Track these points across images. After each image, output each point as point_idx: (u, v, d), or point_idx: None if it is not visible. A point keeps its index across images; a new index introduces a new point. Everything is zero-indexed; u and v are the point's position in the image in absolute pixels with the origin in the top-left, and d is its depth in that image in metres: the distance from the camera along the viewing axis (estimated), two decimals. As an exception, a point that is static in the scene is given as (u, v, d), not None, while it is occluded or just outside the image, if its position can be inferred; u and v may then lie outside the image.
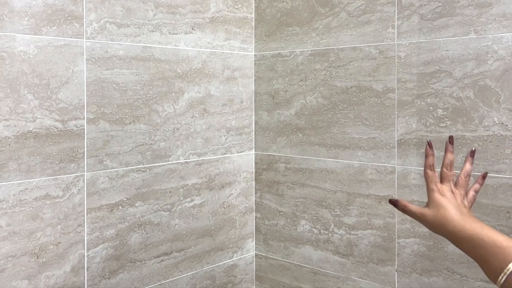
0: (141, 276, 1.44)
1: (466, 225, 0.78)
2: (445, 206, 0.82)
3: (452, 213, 0.81)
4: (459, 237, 0.78)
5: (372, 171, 1.48)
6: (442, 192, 0.84)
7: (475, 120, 1.29)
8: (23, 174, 1.20)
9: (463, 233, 0.77)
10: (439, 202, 0.83)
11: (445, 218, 0.81)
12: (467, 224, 0.78)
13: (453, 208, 0.82)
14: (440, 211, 0.82)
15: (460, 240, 0.78)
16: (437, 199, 0.83)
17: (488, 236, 0.75)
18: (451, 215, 0.80)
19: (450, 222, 0.80)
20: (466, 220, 0.79)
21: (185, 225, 1.55)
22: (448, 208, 0.82)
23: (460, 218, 0.80)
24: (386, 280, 1.45)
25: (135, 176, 1.42)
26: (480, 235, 0.75)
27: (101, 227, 1.35)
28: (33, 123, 1.21)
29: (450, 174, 0.86)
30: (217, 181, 1.64)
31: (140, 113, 1.42)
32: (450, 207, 0.82)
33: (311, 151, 1.61)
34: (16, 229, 1.19)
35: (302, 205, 1.63)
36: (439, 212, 0.82)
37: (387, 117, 1.44)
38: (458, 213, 0.81)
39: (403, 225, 1.42)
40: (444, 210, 0.82)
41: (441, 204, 0.82)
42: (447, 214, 0.81)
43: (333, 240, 1.56)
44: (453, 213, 0.81)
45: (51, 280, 1.25)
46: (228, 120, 1.67)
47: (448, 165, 0.87)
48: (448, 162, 0.87)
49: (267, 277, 1.73)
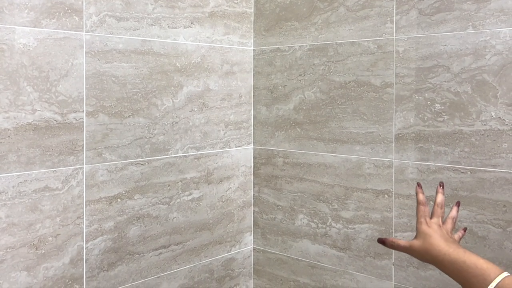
0: (140, 268, 1.45)
1: (449, 249, 0.84)
2: (431, 235, 0.89)
3: (437, 240, 0.88)
4: (444, 261, 0.84)
5: (370, 166, 1.48)
6: (429, 224, 0.92)
7: (472, 114, 1.30)
8: (22, 166, 1.20)
9: (447, 257, 0.84)
10: (426, 232, 0.90)
11: (430, 244, 0.87)
12: (450, 249, 0.84)
13: (438, 236, 0.89)
14: (426, 240, 0.89)
15: (445, 264, 0.84)
16: (424, 230, 0.91)
17: (470, 259, 0.81)
18: (436, 242, 0.87)
19: (436, 247, 0.86)
20: (450, 246, 0.85)
21: (184, 219, 1.56)
22: (433, 236, 0.89)
23: (444, 244, 0.86)
24: (383, 274, 1.46)
25: (134, 169, 1.43)
26: (462, 258, 0.82)
27: (100, 220, 1.35)
28: (32, 116, 1.22)
29: (440, 212, 0.95)
30: (215, 175, 1.64)
31: (139, 107, 1.43)
32: (435, 236, 0.89)
33: (309, 146, 1.62)
34: (15, 220, 1.20)
35: (300, 199, 1.64)
36: (425, 240, 0.89)
37: (385, 111, 1.45)
38: (443, 240, 0.88)
39: (400, 219, 1.43)
40: (430, 238, 0.89)
41: (427, 234, 0.90)
42: (433, 241, 0.88)
43: (331, 234, 1.57)
44: (438, 240, 0.88)
45: (50, 272, 1.26)
46: (226, 115, 1.67)
47: (439, 204, 0.96)
48: (439, 201, 0.97)
49: (265, 270, 1.74)
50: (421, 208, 0.95)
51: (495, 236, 1.27)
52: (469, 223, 1.31)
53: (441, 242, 0.87)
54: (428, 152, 1.37)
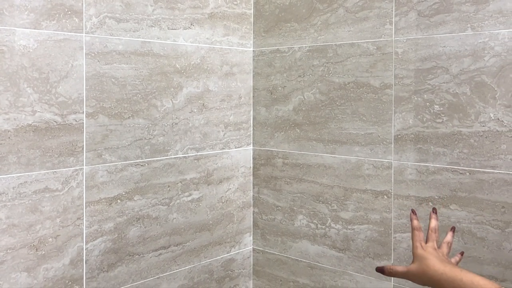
0: (139, 269, 1.45)
1: (446, 269, 0.86)
2: (427, 257, 0.91)
3: (433, 262, 0.89)
4: (441, 280, 0.86)
5: (369, 167, 1.49)
6: (425, 248, 0.94)
7: (471, 116, 1.30)
8: (22, 167, 1.21)
9: (444, 276, 0.85)
10: (422, 255, 0.92)
11: (427, 266, 0.89)
12: (446, 268, 0.86)
13: (434, 257, 0.90)
14: (422, 262, 0.90)
15: (442, 283, 0.85)
16: (420, 253, 0.92)
17: (467, 277, 0.83)
18: (433, 263, 0.89)
19: (432, 268, 0.88)
20: (445, 265, 0.87)
21: (183, 219, 1.56)
22: (430, 258, 0.90)
23: (440, 264, 0.88)
24: (383, 275, 1.46)
25: (134, 170, 1.43)
26: (459, 276, 0.84)
27: (99, 221, 1.36)
28: (32, 117, 1.22)
29: (434, 236, 0.98)
30: (215, 176, 1.65)
31: (139, 108, 1.43)
32: (431, 258, 0.90)
33: (308, 147, 1.62)
34: (16, 221, 1.20)
35: (300, 200, 1.65)
36: (422, 263, 0.90)
37: (384, 112, 1.45)
38: (438, 260, 0.89)
39: (399, 220, 1.43)
40: (426, 260, 0.90)
41: (423, 256, 0.91)
42: (429, 262, 0.89)
43: (330, 234, 1.58)
44: (434, 261, 0.89)
45: (50, 273, 1.26)
46: (226, 116, 1.67)
47: (433, 229, 0.99)
48: (432, 226, 0.99)
49: (265, 271, 1.74)
50: (416, 233, 0.97)
51: (494, 237, 1.27)
52: (468, 224, 1.31)
53: (436, 262, 0.89)
54: (427, 153, 1.37)
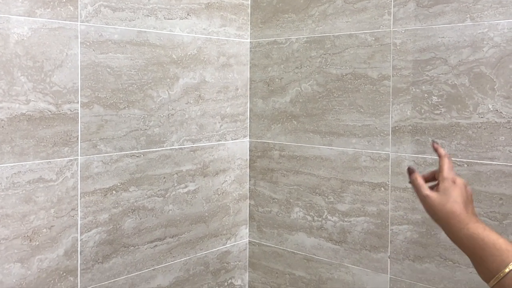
0: (135, 261, 1.44)
1: (469, 223, 0.78)
2: (455, 198, 0.81)
3: (460, 208, 0.80)
4: (460, 233, 0.78)
5: (366, 158, 1.48)
6: (455, 179, 0.83)
7: (469, 107, 1.29)
8: (16, 157, 1.19)
9: (464, 231, 0.78)
10: (450, 192, 0.82)
11: (452, 212, 0.80)
12: (470, 222, 0.78)
13: (462, 203, 0.81)
14: (449, 202, 0.81)
15: (460, 236, 0.78)
16: (449, 189, 0.82)
17: (489, 237, 0.75)
18: (459, 210, 0.80)
19: (457, 216, 0.79)
20: (470, 219, 0.79)
21: (179, 211, 1.55)
22: (458, 201, 0.81)
23: (465, 216, 0.79)
24: (379, 267, 1.46)
25: (129, 161, 1.42)
26: (481, 235, 0.76)
27: (94, 212, 1.34)
28: (26, 106, 1.21)
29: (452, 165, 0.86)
30: (211, 167, 1.64)
31: (134, 98, 1.42)
32: (459, 202, 0.81)
33: (305, 139, 1.61)
34: (9, 212, 1.19)
35: (296, 192, 1.64)
36: (448, 203, 0.81)
37: (382, 104, 1.44)
38: (465, 210, 0.80)
39: (396, 212, 1.42)
40: (453, 203, 0.81)
41: (451, 195, 0.81)
42: (456, 208, 0.80)
43: (327, 227, 1.57)
44: (461, 208, 0.80)
45: (44, 264, 1.25)
46: (223, 107, 1.66)
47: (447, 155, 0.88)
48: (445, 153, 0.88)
49: (260, 264, 1.73)
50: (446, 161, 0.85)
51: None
52: (466, 216, 1.30)
53: (463, 212, 0.80)
54: (424, 145, 1.36)
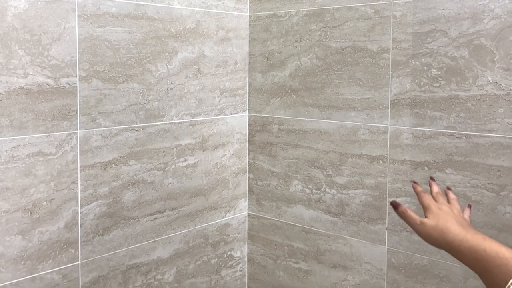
0: (135, 233, 1.46)
1: (467, 235, 0.76)
2: (445, 217, 0.80)
3: (453, 224, 0.78)
4: (460, 248, 0.75)
5: (365, 132, 1.48)
6: (439, 206, 0.83)
7: (469, 79, 1.29)
8: (15, 130, 1.20)
9: (464, 244, 0.75)
10: (439, 212, 0.81)
11: (446, 228, 0.78)
12: (468, 235, 0.76)
13: (453, 219, 0.80)
14: (440, 221, 0.79)
15: (461, 250, 0.75)
16: (436, 210, 0.82)
17: (490, 247, 0.72)
18: (453, 226, 0.78)
19: (452, 232, 0.77)
20: (467, 231, 0.77)
21: (179, 184, 1.56)
22: (448, 218, 0.80)
23: (461, 228, 0.77)
24: (377, 238, 1.47)
25: (129, 135, 1.42)
26: (482, 246, 0.73)
27: (94, 185, 1.35)
28: (24, 79, 1.20)
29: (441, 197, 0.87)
30: (210, 142, 1.64)
31: (133, 72, 1.41)
32: (450, 218, 0.80)
33: (304, 112, 1.61)
34: (9, 185, 1.20)
35: (295, 166, 1.64)
36: (440, 222, 0.79)
37: (381, 77, 1.44)
38: (459, 224, 0.79)
39: (394, 185, 1.43)
40: (445, 220, 0.79)
41: (441, 215, 0.80)
42: (448, 224, 0.78)
43: (325, 199, 1.58)
44: (454, 224, 0.78)
45: (45, 236, 1.26)
46: (222, 82, 1.66)
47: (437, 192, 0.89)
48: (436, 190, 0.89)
49: (259, 236, 1.75)
50: (423, 195, 0.87)
51: (489, 200, 1.28)
52: (463, 187, 1.31)
53: (457, 226, 0.77)
54: (423, 118, 1.36)
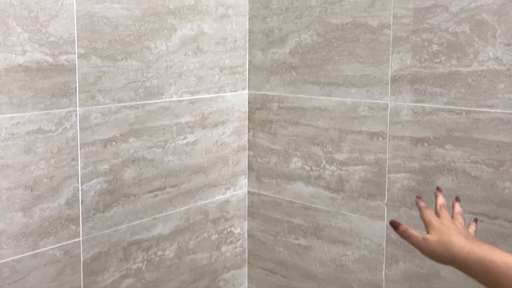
0: (135, 210, 1.47)
1: (473, 246, 0.72)
2: (447, 231, 0.77)
3: (457, 237, 0.75)
4: (467, 261, 0.72)
5: (364, 108, 1.48)
6: (441, 221, 0.81)
7: (470, 55, 1.28)
8: (14, 107, 1.19)
9: (470, 256, 0.71)
10: (441, 227, 0.79)
11: (449, 241, 0.75)
12: (474, 246, 0.72)
13: (456, 232, 0.77)
14: (443, 235, 0.77)
15: (468, 264, 0.71)
16: (438, 225, 0.79)
17: (499, 257, 0.69)
18: (457, 239, 0.75)
19: (456, 245, 0.74)
20: (473, 243, 0.74)
21: (179, 162, 1.56)
22: (451, 232, 0.77)
23: (466, 241, 0.74)
24: (376, 214, 1.48)
25: (128, 113, 1.42)
26: (489, 256, 0.69)
27: (94, 162, 1.36)
28: (23, 56, 1.20)
29: (445, 211, 0.86)
30: (210, 119, 1.64)
31: (132, 50, 1.40)
32: (453, 231, 0.77)
33: (304, 90, 1.60)
34: (9, 162, 1.20)
35: (294, 143, 1.64)
36: (442, 236, 0.77)
37: (381, 53, 1.43)
38: (463, 236, 0.76)
39: (394, 161, 1.43)
40: (448, 234, 0.76)
41: (443, 229, 0.78)
42: (452, 237, 0.75)
43: (324, 176, 1.58)
44: (458, 237, 0.75)
45: (46, 213, 1.27)
46: (221, 59, 1.65)
47: (442, 205, 0.87)
48: (441, 203, 0.87)
49: (259, 212, 1.76)
50: (425, 211, 0.85)
51: (488, 175, 1.28)
52: (462, 163, 1.31)
53: (461, 239, 0.74)
54: (423, 94, 1.36)
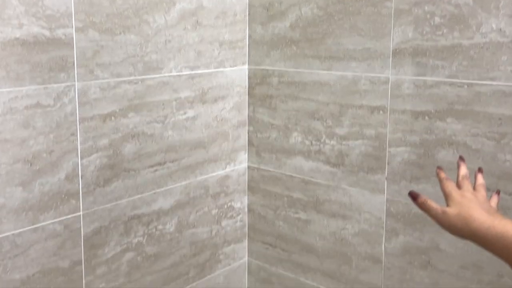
0: (136, 184, 1.47)
1: (494, 221, 0.70)
2: (468, 204, 0.75)
3: (477, 211, 0.73)
4: (487, 236, 0.70)
5: (365, 82, 1.46)
6: (462, 193, 0.78)
7: (472, 27, 1.26)
8: (12, 81, 1.18)
9: (491, 231, 0.70)
10: (461, 200, 0.76)
11: (470, 215, 0.73)
12: (495, 221, 0.71)
13: (477, 205, 0.74)
14: (463, 208, 0.74)
15: (488, 239, 0.70)
16: (458, 198, 0.77)
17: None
18: (477, 212, 0.73)
19: (477, 219, 0.72)
20: (494, 217, 0.72)
21: (178, 137, 1.56)
22: (472, 206, 0.74)
23: (487, 215, 0.72)
24: (376, 188, 1.48)
25: (127, 88, 1.41)
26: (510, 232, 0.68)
27: (94, 137, 1.35)
28: (19, 30, 1.18)
29: (467, 183, 0.82)
30: (210, 95, 1.63)
31: (130, 24, 1.39)
32: (474, 205, 0.75)
33: (305, 64, 1.59)
34: (8, 136, 1.19)
35: (295, 118, 1.63)
36: (463, 209, 0.74)
37: (383, 26, 1.41)
38: (484, 210, 0.73)
39: (394, 134, 1.43)
40: (468, 207, 0.74)
41: (463, 203, 0.75)
42: (472, 211, 0.73)
43: (325, 150, 1.58)
44: (478, 211, 0.73)
45: (46, 187, 1.27)
46: (221, 33, 1.63)
47: (464, 176, 0.83)
48: (463, 173, 0.84)
49: (259, 187, 1.76)
50: (446, 182, 0.81)
51: (489, 148, 1.27)
52: (463, 136, 1.31)
53: (482, 213, 0.72)
54: (425, 67, 1.35)
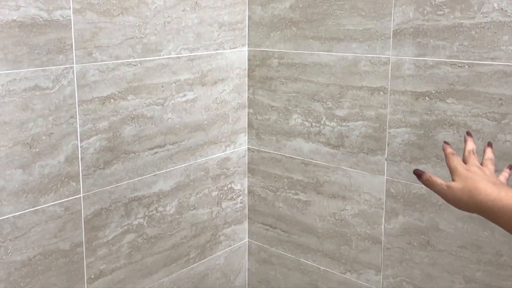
0: (136, 167, 1.47)
1: (501, 193, 0.69)
2: (473, 177, 0.73)
3: (483, 183, 0.71)
4: (493, 209, 0.68)
5: (366, 63, 1.45)
6: (468, 167, 0.76)
7: (473, 6, 1.25)
8: (10, 64, 1.18)
9: (497, 203, 0.68)
10: (466, 174, 0.74)
11: (475, 188, 0.71)
12: (502, 192, 0.69)
13: (483, 178, 0.73)
14: (468, 182, 0.73)
15: (495, 211, 0.68)
16: (464, 172, 0.75)
17: None
18: (483, 185, 0.71)
19: (482, 191, 0.70)
20: (501, 189, 0.70)
21: (178, 119, 1.55)
22: (477, 178, 0.73)
23: (493, 187, 0.70)
24: (376, 169, 1.48)
25: (126, 70, 1.40)
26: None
27: (93, 119, 1.35)
28: (17, 12, 1.17)
29: (474, 158, 0.80)
30: (209, 77, 1.62)
31: (128, 5, 1.37)
32: (479, 178, 0.73)
33: (305, 45, 1.58)
34: (7, 119, 1.19)
35: (295, 100, 1.63)
36: (468, 182, 0.73)
37: (383, 6, 1.40)
38: (490, 183, 0.72)
39: (394, 116, 1.42)
40: (474, 181, 0.72)
41: (469, 176, 0.74)
42: (478, 184, 0.71)
43: (324, 132, 1.57)
44: (484, 183, 0.71)
45: (46, 170, 1.27)
46: (220, 15, 1.62)
47: (471, 151, 0.82)
48: (470, 148, 0.82)
49: (259, 169, 1.76)
50: (451, 157, 0.79)
51: (489, 129, 1.27)
52: (464, 117, 1.30)
53: (488, 185, 0.70)
54: (426, 47, 1.33)
